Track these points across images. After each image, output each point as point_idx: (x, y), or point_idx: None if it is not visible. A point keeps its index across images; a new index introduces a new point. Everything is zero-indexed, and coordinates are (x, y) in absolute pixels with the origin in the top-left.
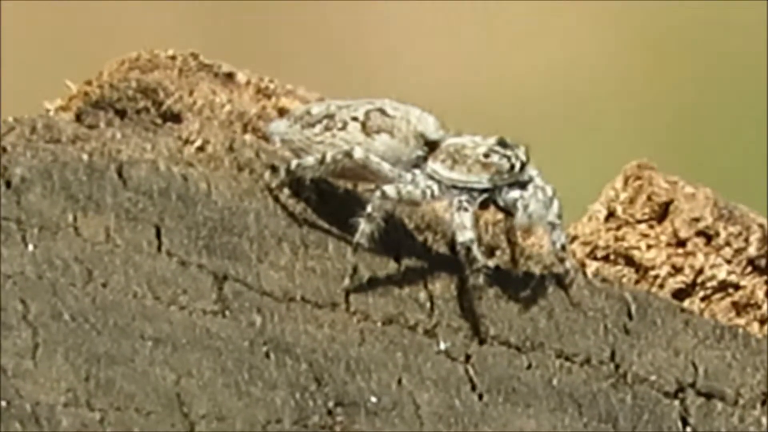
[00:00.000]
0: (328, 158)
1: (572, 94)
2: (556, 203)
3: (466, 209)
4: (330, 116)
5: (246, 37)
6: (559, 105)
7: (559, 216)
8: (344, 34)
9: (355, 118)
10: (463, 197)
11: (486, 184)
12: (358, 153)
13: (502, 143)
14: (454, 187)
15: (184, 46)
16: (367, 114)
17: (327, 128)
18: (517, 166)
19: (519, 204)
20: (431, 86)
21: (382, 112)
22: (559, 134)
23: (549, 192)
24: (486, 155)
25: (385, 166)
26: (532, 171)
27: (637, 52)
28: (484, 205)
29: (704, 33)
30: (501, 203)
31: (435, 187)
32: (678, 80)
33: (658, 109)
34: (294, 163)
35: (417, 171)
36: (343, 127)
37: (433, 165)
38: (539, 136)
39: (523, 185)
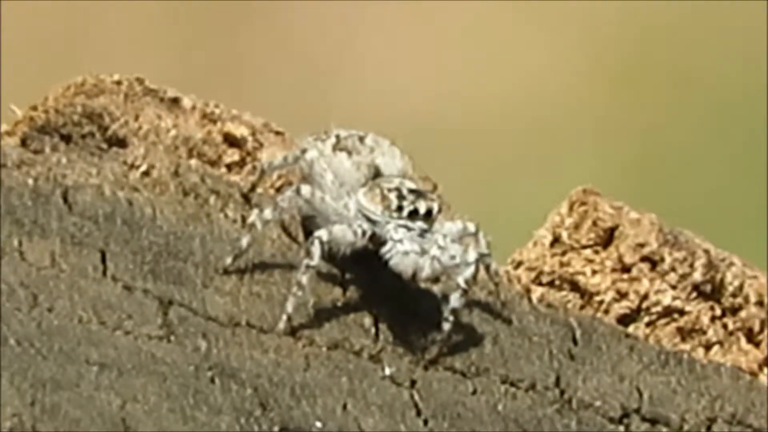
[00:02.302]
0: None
1: (523, 118)
2: (467, 269)
3: (350, 227)
4: (329, 131)
5: (218, 52)
6: (510, 129)
7: (466, 282)
8: (313, 47)
9: (337, 136)
10: (365, 225)
11: (378, 217)
12: (305, 191)
13: (416, 190)
14: (360, 212)
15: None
16: (347, 136)
17: (318, 137)
18: (406, 210)
19: (389, 244)
20: (392, 108)
21: (360, 138)
22: (507, 160)
23: (447, 253)
24: (389, 190)
25: (330, 207)
26: (440, 231)
27: (595, 77)
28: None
29: (663, 58)
30: (379, 238)
31: (365, 225)
32: (634, 107)
33: (608, 137)
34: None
35: (351, 199)
36: (325, 139)
37: (361, 190)
38: (487, 161)
39: (412, 233)
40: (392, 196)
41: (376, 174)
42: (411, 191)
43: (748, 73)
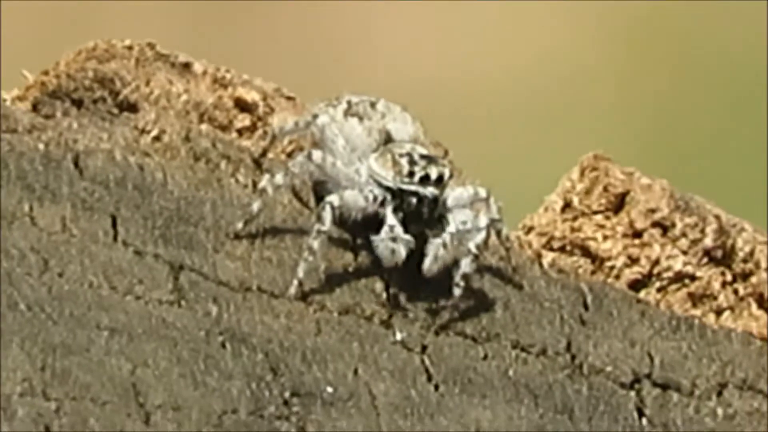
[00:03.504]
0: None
1: (534, 84)
2: (475, 236)
3: (362, 192)
4: (341, 97)
5: (229, 37)
6: (521, 95)
7: (477, 247)
8: (324, 31)
9: (348, 102)
10: (376, 190)
11: (390, 182)
12: (316, 156)
13: (428, 156)
14: (371, 177)
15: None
16: (358, 102)
17: (329, 103)
18: (417, 176)
19: (387, 216)
20: (406, 79)
21: (372, 104)
22: (518, 126)
23: (457, 225)
24: (401, 155)
25: (341, 172)
26: (451, 203)
27: (607, 45)
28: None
29: (673, 30)
30: (388, 207)
31: (377, 191)
32: (647, 74)
33: (619, 103)
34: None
35: (363, 164)
36: (336, 105)
37: (372, 156)
38: (498, 126)
39: (423, 204)
40: (403, 161)
41: (388, 139)
42: (422, 157)
43: (764, 39)
